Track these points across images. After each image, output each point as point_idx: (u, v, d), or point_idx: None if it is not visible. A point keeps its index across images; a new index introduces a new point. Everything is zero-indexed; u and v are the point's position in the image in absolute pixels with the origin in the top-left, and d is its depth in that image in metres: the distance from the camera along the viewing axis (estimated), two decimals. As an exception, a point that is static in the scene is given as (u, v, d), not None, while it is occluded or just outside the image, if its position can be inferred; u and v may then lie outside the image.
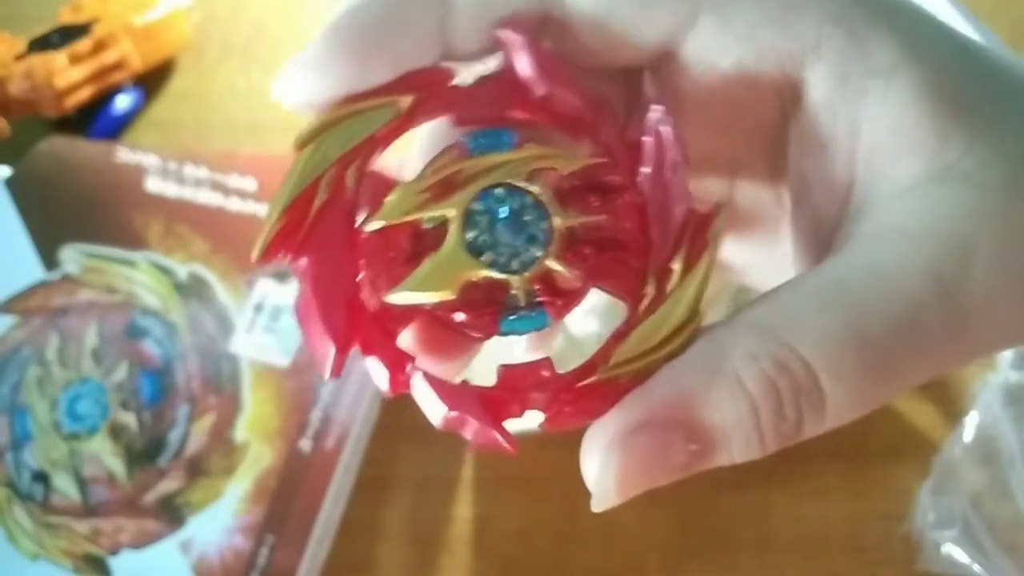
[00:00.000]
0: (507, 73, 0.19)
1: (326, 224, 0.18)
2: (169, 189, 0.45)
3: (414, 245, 0.18)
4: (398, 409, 0.44)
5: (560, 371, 0.18)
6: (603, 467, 0.17)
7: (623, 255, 0.19)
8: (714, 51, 0.19)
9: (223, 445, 0.38)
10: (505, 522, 0.41)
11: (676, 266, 0.18)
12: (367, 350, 0.18)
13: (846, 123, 0.18)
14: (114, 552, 0.37)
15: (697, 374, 0.17)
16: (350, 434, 0.38)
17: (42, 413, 0.40)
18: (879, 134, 0.18)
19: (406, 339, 0.19)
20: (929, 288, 0.16)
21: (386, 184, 0.19)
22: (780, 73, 0.18)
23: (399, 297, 0.18)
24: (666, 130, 0.18)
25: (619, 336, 0.18)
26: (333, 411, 0.39)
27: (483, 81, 0.20)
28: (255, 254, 0.17)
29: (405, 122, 0.19)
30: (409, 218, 0.18)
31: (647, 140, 0.19)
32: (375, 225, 0.18)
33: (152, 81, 0.56)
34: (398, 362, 0.18)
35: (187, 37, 0.57)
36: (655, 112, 0.19)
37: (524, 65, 0.19)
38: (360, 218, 0.18)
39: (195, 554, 0.36)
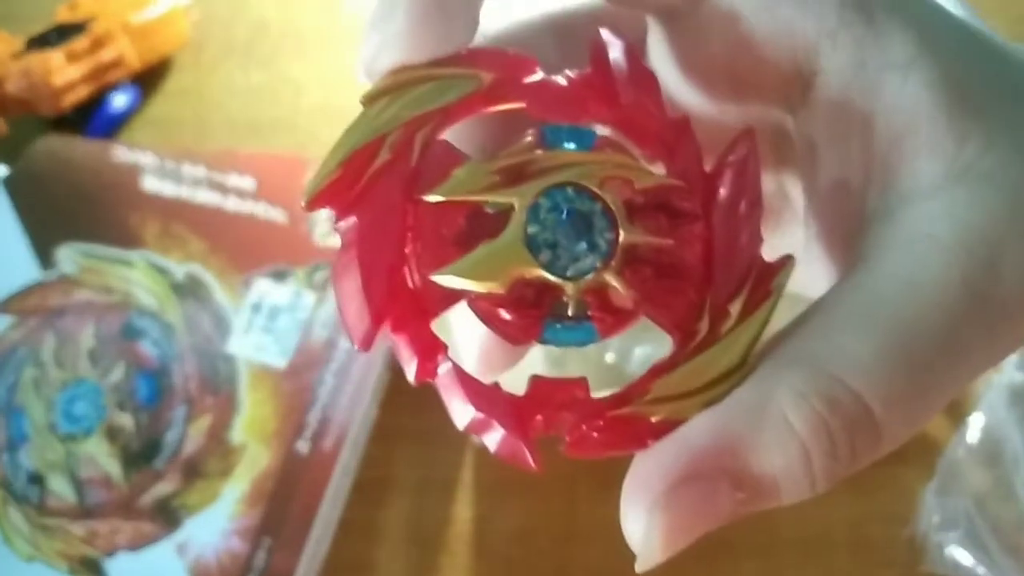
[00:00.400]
0: (595, 74, 0.19)
1: (383, 186, 0.17)
2: (166, 188, 0.45)
3: (470, 227, 0.18)
4: (396, 410, 0.44)
5: (594, 394, 0.17)
6: (648, 528, 0.16)
7: (681, 285, 0.18)
8: (730, 13, 0.18)
9: (220, 446, 0.38)
10: (505, 523, 0.41)
11: (734, 309, 0.17)
12: (398, 328, 0.17)
13: (860, 117, 0.17)
14: (110, 554, 0.37)
15: (742, 418, 0.16)
16: (348, 435, 0.38)
17: (38, 414, 0.39)
18: (895, 130, 0.17)
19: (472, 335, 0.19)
20: (966, 299, 0.16)
21: (453, 158, 0.18)
22: (792, 56, 0.18)
23: (446, 279, 0.17)
24: (750, 169, 0.18)
25: (660, 369, 0.17)
26: (331, 412, 0.39)
27: (568, 78, 0.19)
28: (303, 199, 0.16)
29: (484, 100, 0.18)
30: (473, 197, 0.17)
31: (728, 173, 0.18)
32: (436, 197, 0.17)
33: (150, 79, 0.56)
34: (429, 348, 0.17)
35: (185, 35, 0.57)
36: (740, 148, 0.18)
37: (618, 68, 0.19)
38: (419, 188, 0.18)
39: (191, 556, 0.36)
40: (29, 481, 0.38)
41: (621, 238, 0.17)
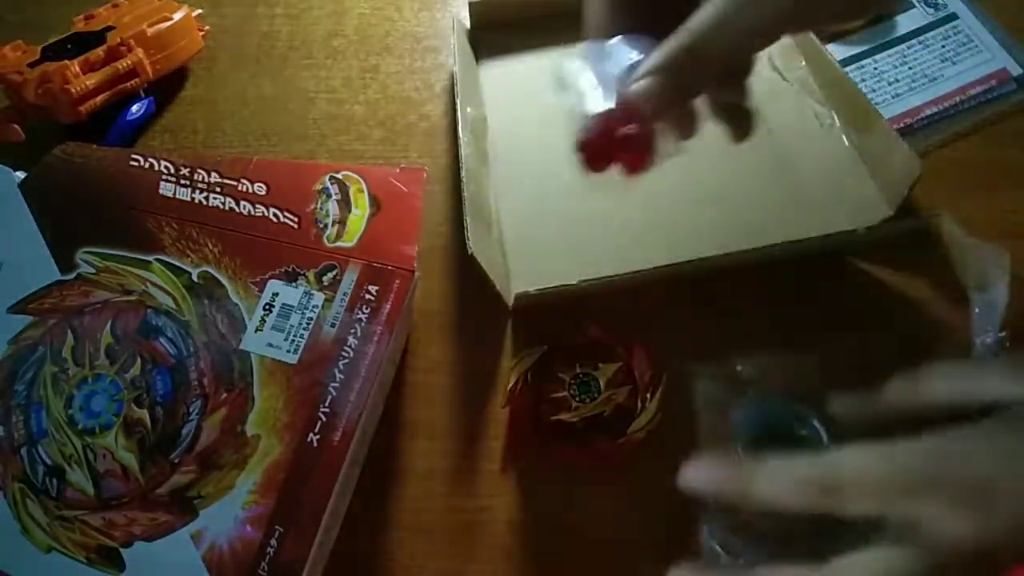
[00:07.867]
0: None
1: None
2: (181, 194, 0.46)
3: None
4: (403, 404, 0.45)
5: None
6: None
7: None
8: None
9: (234, 439, 0.39)
10: (507, 513, 0.42)
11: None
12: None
13: None
14: (127, 544, 0.37)
15: None
16: (357, 428, 0.39)
17: (57, 409, 0.40)
18: None
19: None
20: None
21: None
22: None
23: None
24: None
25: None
26: (340, 406, 0.40)
27: None
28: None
29: None
30: None
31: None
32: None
33: (164, 89, 0.57)
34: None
35: (198, 46, 0.58)
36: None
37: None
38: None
39: (206, 545, 0.37)
40: (48, 474, 0.39)
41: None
